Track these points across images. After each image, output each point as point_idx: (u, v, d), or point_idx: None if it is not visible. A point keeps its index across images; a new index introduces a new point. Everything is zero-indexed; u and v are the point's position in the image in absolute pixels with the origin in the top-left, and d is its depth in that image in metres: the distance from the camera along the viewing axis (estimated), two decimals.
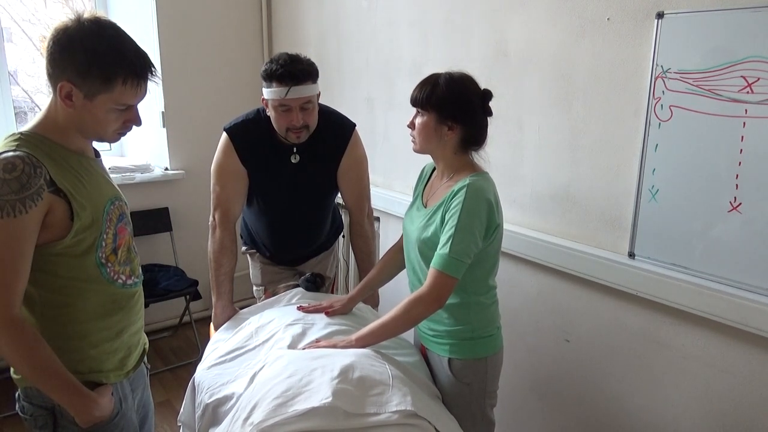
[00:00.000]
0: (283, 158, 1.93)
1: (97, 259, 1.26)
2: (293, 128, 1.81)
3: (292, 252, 2.21)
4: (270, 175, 1.94)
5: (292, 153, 1.92)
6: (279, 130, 1.84)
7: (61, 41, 1.14)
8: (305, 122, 1.81)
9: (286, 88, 1.73)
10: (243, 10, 3.40)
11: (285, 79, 1.73)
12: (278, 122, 1.82)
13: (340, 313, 1.78)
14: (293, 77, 1.73)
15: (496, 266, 1.61)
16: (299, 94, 1.75)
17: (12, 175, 1.11)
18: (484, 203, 1.46)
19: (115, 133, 1.26)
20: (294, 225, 2.09)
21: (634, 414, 1.84)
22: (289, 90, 1.73)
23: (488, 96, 1.53)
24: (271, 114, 1.83)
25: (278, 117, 1.80)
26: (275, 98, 1.77)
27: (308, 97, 1.78)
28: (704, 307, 1.59)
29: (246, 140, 1.91)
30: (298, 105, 1.77)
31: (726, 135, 1.51)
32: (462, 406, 1.58)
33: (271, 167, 1.93)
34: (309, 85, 1.77)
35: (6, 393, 1.93)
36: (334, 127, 1.98)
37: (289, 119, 1.79)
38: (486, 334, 1.59)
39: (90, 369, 1.30)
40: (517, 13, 2.01)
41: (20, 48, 3.35)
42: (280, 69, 1.73)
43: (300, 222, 2.09)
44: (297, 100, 1.76)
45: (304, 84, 1.76)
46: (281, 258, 2.23)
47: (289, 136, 1.83)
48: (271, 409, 1.26)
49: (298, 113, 1.78)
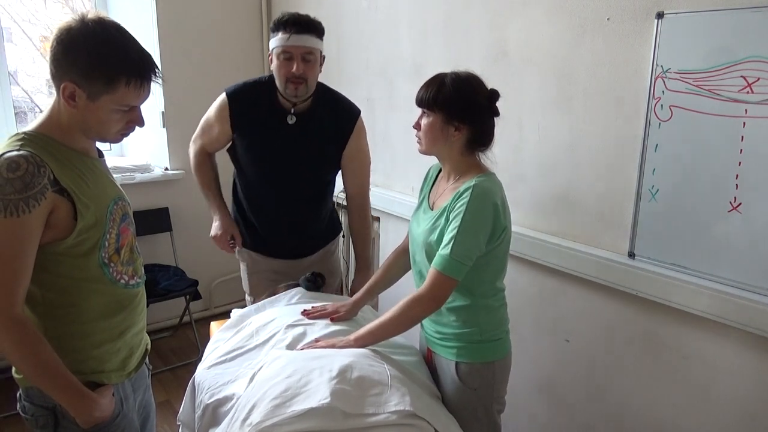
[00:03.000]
0: (280, 119, 1.98)
1: (100, 259, 1.26)
2: (292, 78, 1.87)
3: (286, 236, 2.16)
4: (266, 137, 2.00)
5: (289, 113, 1.98)
6: (279, 81, 1.91)
7: (64, 41, 1.15)
8: (304, 73, 1.87)
9: (289, 34, 1.84)
10: (243, 10, 3.41)
11: (289, 26, 1.84)
12: (279, 72, 1.89)
13: (345, 318, 1.75)
14: (297, 25, 1.85)
15: (504, 269, 1.59)
16: (301, 42, 1.85)
17: (16, 175, 1.11)
18: (489, 206, 1.44)
19: (117, 133, 1.26)
20: (290, 198, 2.07)
21: (634, 414, 1.84)
22: (291, 36, 1.84)
23: (495, 96, 1.51)
24: (274, 65, 1.91)
25: (280, 66, 1.88)
26: (278, 45, 1.86)
27: (309, 47, 1.87)
28: (704, 307, 1.59)
29: (244, 101, 1.99)
30: (299, 54, 1.85)
31: (726, 135, 1.51)
32: (468, 411, 1.56)
33: (268, 128, 1.99)
34: (312, 37, 1.87)
35: (7, 393, 1.93)
36: (338, 107, 2.06)
37: (289, 68, 1.86)
38: (494, 338, 1.56)
39: (92, 369, 1.30)
40: (517, 13, 2.01)
41: (20, 48, 3.35)
42: (286, 17, 1.87)
43: (296, 195, 2.08)
44: (298, 48, 1.85)
45: (307, 34, 1.86)
46: (276, 248, 2.18)
47: (288, 87, 1.89)
48: (269, 410, 1.26)
49: (299, 62, 1.85)
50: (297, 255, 2.21)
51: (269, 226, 2.15)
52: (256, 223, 2.15)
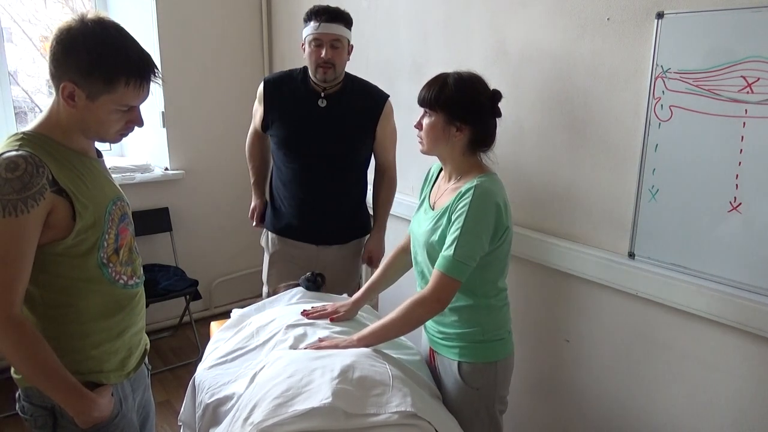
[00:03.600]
0: (312, 103, 2.16)
1: (99, 260, 1.26)
2: (321, 63, 2.05)
3: (317, 215, 2.23)
4: (297, 117, 2.17)
5: (320, 98, 2.14)
6: (311, 66, 2.10)
7: (64, 41, 1.14)
8: (332, 59, 2.05)
9: (319, 23, 2.03)
10: (243, 10, 3.40)
11: (320, 15, 2.04)
12: (310, 58, 2.08)
13: (344, 318, 1.75)
14: (327, 14, 2.04)
15: (506, 269, 1.59)
16: (330, 30, 2.04)
17: (14, 175, 1.11)
18: (492, 206, 1.44)
19: (117, 133, 1.26)
20: (318, 175, 2.18)
21: (634, 414, 1.84)
22: (321, 25, 2.03)
23: (498, 97, 1.51)
24: (306, 52, 2.09)
25: (311, 53, 2.07)
26: (310, 33, 2.05)
27: (338, 35, 2.05)
28: (704, 307, 1.59)
29: (277, 85, 2.21)
30: (328, 41, 2.04)
31: (726, 135, 1.51)
32: (470, 411, 1.56)
33: (299, 109, 2.17)
34: (340, 26, 2.06)
35: (6, 393, 1.93)
36: (366, 92, 2.24)
37: (319, 53, 2.04)
38: (496, 338, 1.56)
39: (90, 369, 1.30)
40: (517, 13, 2.01)
41: (20, 48, 3.35)
42: (317, 7, 2.06)
43: (327, 172, 2.19)
44: (327, 35, 2.03)
45: (335, 23, 2.05)
46: (305, 227, 2.24)
47: (318, 72, 2.08)
48: (271, 409, 1.26)
49: (328, 48, 2.04)
50: (322, 240, 2.27)
51: (298, 208, 2.23)
52: (285, 205, 2.26)
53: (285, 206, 2.26)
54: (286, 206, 2.26)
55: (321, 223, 2.25)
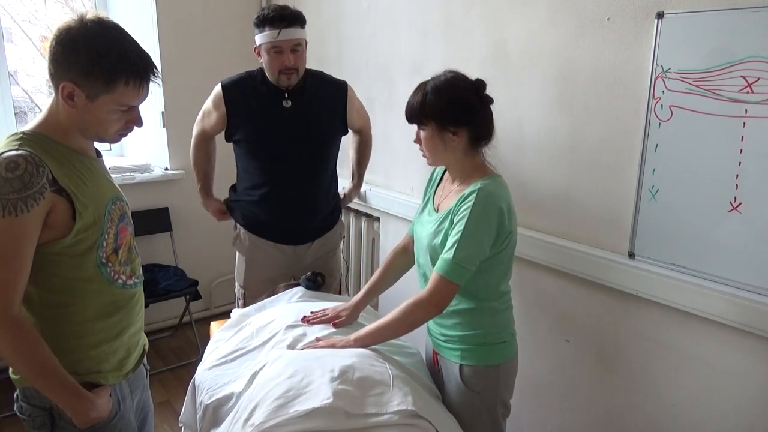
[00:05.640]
0: (275, 103, 2.08)
1: (98, 259, 1.26)
2: (285, 69, 1.99)
3: (290, 217, 2.20)
4: (264, 121, 2.09)
5: (284, 98, 2.08)
6: (271, 74, 2.02)
7: (63, 41, 1.14)
8: (296, 64, 1.99)
9: (278, 30, 1.93)
10: (243, 11, 3.40)
11: (277, 21, 1.94)
12: (271, 65, 2.00)
13: (346, 324, 1.71)
14: (285, 20, 1.94)
15: (509, 272, 1.58)
16: (290, 36, 1.96)
17: (14, 174, 1.11)
18: (494, 210, 1.43)
19: (116, 133, 1.26)
20: (294, 176, 2.14)
21: (634, 414, 1.84)
22: (281, 32, 1.94)
23: (481, 85, 1.48)
24: (264, 59, 2.01)
25: (271, 60, 1.99)
26: (268, 41, 1.96)
27: (298, 39, 1.99)
28: (704, 307, 1.59)
29: (238, 91, 2.09)
30: (288, 47, 1.96)
31: (726, 135, 1.51)
32: (472, 414, 1.55)
33: (264, 113, 2.09)
34: (298, 29, 1.99)
35: (5, 393, 1.93)
36: (325, 81, 2.22)
37: (281, 61, 1.97)
38: (499, 341, 1.55)
39: (89, 370, 1.30)
40: (517, 13, 2.01)
41: (20, 48, 3.35)
42: (272, 13, 1.95)
43: (300, 172, 2.14)
44: (288, 41, 1.96)
45: (295, 27, 1.97)
46: (279, 230, 2.21)
47: (281, 79, 2.01)
48: (271, 410, 1.26)
49: (289, 54, 1.97)
50: (298, 239, 2.24)
51: (275, 211, 2.19)
52: (259, 207, 2.19)
53: (259, 210, 2.19)
54: (260, 210, 2.19)
55: (301, 223, 2.23)
